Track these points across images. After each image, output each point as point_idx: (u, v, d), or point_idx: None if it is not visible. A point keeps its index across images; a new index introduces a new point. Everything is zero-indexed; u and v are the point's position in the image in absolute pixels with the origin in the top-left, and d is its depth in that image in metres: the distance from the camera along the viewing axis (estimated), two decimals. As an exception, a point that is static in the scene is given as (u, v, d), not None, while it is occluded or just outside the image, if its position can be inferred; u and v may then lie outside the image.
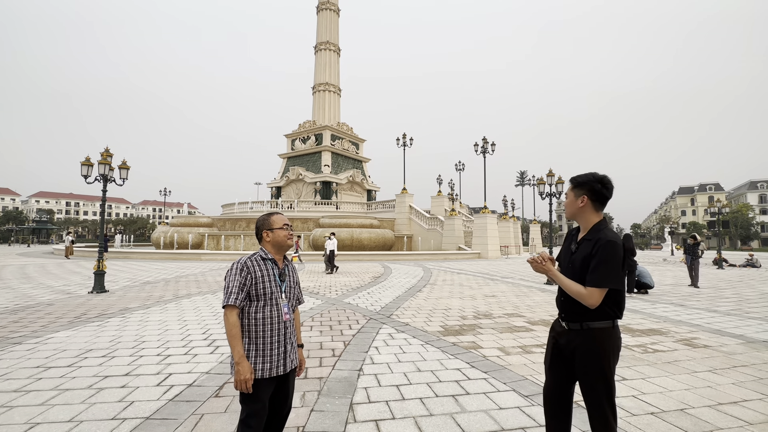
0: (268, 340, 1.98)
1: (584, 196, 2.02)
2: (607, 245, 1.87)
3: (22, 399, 3.30)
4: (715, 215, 23.78)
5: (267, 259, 2.09)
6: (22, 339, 5.21)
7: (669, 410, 3.17)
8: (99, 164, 10.50)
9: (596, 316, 1.93)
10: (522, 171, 73.92)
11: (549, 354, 2.17)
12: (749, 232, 69.23)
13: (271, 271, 2.06)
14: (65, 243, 24.78)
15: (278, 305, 2.03)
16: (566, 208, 2.11)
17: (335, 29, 43.43)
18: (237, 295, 1.93)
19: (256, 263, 2.03)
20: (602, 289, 1.86)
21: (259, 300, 1.99)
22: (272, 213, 2.22)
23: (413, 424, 2.92)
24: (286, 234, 2.13)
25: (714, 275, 15.75)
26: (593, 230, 1.99)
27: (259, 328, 1.97)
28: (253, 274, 1.99)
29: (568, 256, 2.07)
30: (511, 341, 5.27)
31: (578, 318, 1.97)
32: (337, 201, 35.38)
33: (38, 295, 9.01)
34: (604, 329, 1.94)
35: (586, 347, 1.94)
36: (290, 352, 2.07)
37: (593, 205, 2.01)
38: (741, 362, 4.41)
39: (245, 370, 1.87)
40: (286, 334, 2.05)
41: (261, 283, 1.99)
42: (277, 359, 1.99)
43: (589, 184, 2.02)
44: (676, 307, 7.99)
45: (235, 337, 1.90)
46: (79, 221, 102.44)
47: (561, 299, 2.07)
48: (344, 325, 6.16)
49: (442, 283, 11.83)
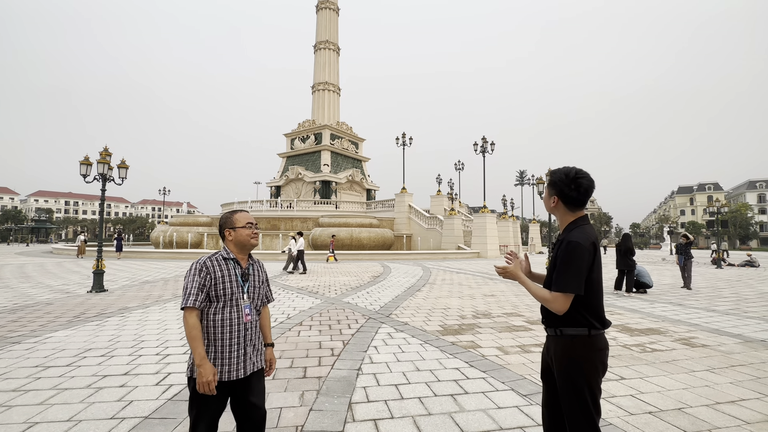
0: (227, 342, 1.91)
1: (555, 196, 1.91)
2: (568, 246, 1.75)
3: (21, 398, 3.30)
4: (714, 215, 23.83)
5: (229, 258, 2.02)
6: (20, 338, 5.20)
7: (667, 409, 3.18)
8: (98, 163, 10.49)
9: (568, 321, 1.79)
10: (521, 170, 73.91)
11: (542, 365, 2.06)
12: (748, 231, 69.37)
13: (232, 271, 1.99)
14: (77, 242, 24.69)
15: (239, 306, 1.96)
16: (544, 206, 2.01)
17: (335, 28, 43.38)
18: (196, 297, 1.87)
19: (216, 263, 1.96)
20: (566, 294, 1.71)
21: (218, 301, 1.92)
22: (236, 211, 2.12)
23: (412, 423, 2.93)
24: (249, 233, 2.04)
25: (713, 275, 15.78)
26: (565, 230, 1.89)
27: (218, 329, 1.91)
28: (212, 275, 1.92)
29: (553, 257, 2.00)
30: (510, 341, 5.27)
31: (553, 323, 1.85)
32: (337, 200, 35.37)
33: (37, 295, 9.00)
34: (579, 336, 1.77)
35: (559, 355, 1.81)
36: (252, 355, 1.99)
37: (566, 206, 1.89)
38: (739, 361, 4.42)
39: (208, 372, 1.80)
40: (246, 336, 1.97)
41: (221, 284, 1.93)
42: (237, 362, 1.92)
43: (558, 185, 1.88)
44: (675, 307, 8.00)
45: (195, 339, 1.84)
46: (78, 220, 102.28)
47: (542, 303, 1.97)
48: (343, 324, 6.16)
49: (441, 283, 11.84)
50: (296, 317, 6.64)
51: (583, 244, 1.74)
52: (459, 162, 38.54)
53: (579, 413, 1.73)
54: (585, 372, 1.75)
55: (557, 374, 1.82)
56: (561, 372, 1.80)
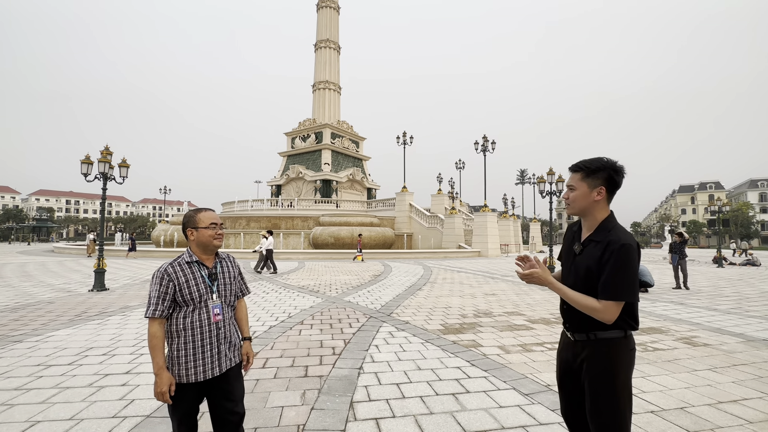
0: (198, 343, 1.90)
1: (602, 187, 1.67)
2: (622, 250, 1.56)
3: (23, 397, 3.31)
4: (716, 214, 23.76)
5: (192, 261, 1.97)
6: (22, 337, 5.21)
7: (669, 409, 3.17)
8: (99, 162, 10.49)
9: (605, 325, 1.63)
10: (522, 169, 73.84)
11: (559, 370, 1.87)
12: (749, 230, 69.23)
13: (197, 274, 1.95)
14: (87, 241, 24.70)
15: (207, 308, 1.94)
16: (574, 202, 1.71)
17: (335, 27, 43.31)
18: (156, 306, 1.85)
19: (179, 268, 1.92)
20: (619, 303, 1.56)
21: (187, 305, 1.90)
22: (200, 210, 2.04)
23: (413, 422, 2.93)
24: (212, 234, 1.98)
25: (714, 274, 15.75)
26: (601, 229, 1.67)
27: (188, 332, 1.89)
28: (175, 281, 1.88)
29: (571, 259, 1.77)
30: (512, 340, 5.27)
31: (584, 327, 1.68)
32: (337, 199, 35.36)
33: (39, 293, 9.02)
34: (615, 339, 1.64)
35: (594, 361, 1.65)
36: (227, 351, 1.98)
37: (608, 198, 1.68)
38: (741, 361, 4.42)
39: (163, 383, 1.80)
40: (219, 335, 1.96)
41: (186, 289, 1.89)
42: (210, 361, 1.91)
43: (606, 171, 1.66)
44: (676, 306, 7.99)
45: (154, 349, 1.82)
46: (79, 219, 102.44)
47: (564, 307, 1.78)
48: (344, 323, 6.16)
49: (442, 282, 11.84)
50: (297, 316, 6.64)
51: (634, 247, 1.58)
52: (460, 161, 38.49)
53: (617, 417, 1.61)
54: (624, 375, 1.64)
55: (592, 379, 1.66)
56: (598, 377, 1.64)
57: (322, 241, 26.04)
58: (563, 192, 1.87)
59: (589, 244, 1.69)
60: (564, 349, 1.83)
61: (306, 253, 23.45)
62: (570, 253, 1.80)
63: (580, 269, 1.69)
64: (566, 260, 1.83)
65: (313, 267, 16.81)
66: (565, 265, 1.83)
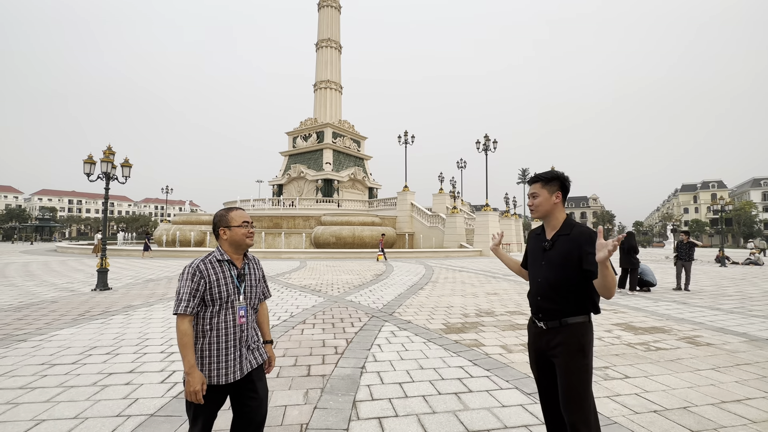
0: (223, 345, 1.88)
1: (559, 192, 2.00)
2: (593, 234, 1.86)
3: (28, 396, 3.32)
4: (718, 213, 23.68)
5: (223, 260, 1.95)
6: (26, 336, 5.24)
7: (672, 408, 3.17)
8: (101, 162, 10.53)
9: (575, 311, 1.91)
10: (524, 168, 73.73)
11: (534, 362, 2.09)
12: (752, 229, 68.94)
13: (227, 273, 1.93)
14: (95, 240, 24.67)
15: (234, 309, 1.92)
16: (539, 206, 2.01)
17: (336, 26, 43.29)
18: (188, 303, 1.82)
19: (210, 266, 1.90)
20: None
21: (214, 305, 1.88)
22: (231, 208, 2.04)
23: (416, 421, 2.93)
24: (245, 232, 1.97)
25: (717, 273, 15.70)
26: (566, 225, 1.98)
27: (214, 332, 1.88)
28: (206, 279, 1.86)
29: (541, 254, 2.04)
30: (514, 339, 5.27)
31: (556, 315, 1.93)
32: (339, 199, 35.37)
33: (42, 293, 9.06)
34: (583, 324, 1.92)
35: (568, 344, 1.89)
36: (247, 355, 1.97)
37: (563, 200, 2.02)
38: (744, 360, 4.40)
39: (196, 381, 1.77)
40: (241, 338, 1.94)
41: (216, 288, 1.87)
42: (233, 364, 1.90)
43: (560, 179, 2.00)
44: (679, 305, 7.97)
45: (185, 347, 1.79)
46: (82, 219, 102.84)
47: (537, 298, 2.02)
48: (346, 322, 6.17)
49: (443, 281, 11.83)
50: (300, 315, 6.66)
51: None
52: (461, 160, 38.43)
53: (584, 393, 1.86)
54: (590, 353, 1.91)
55: (564, 362, 1.89)
56: (568, 359, 1.88)
57: (324, 240, 26.07)
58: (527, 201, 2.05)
59: (558, 238, 1.97)
60: (536, 340, 2.05)
61: (308, 253, 23.48)
62: (539, 251, 2.06)
63: (554, 260, 1.95)
64: (536, 257, 2.09)
65: (314, 266, 16.83)
66: (536, 262, 2.08)
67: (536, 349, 2.05)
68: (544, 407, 2.11)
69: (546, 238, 2.04)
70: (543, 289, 2.00)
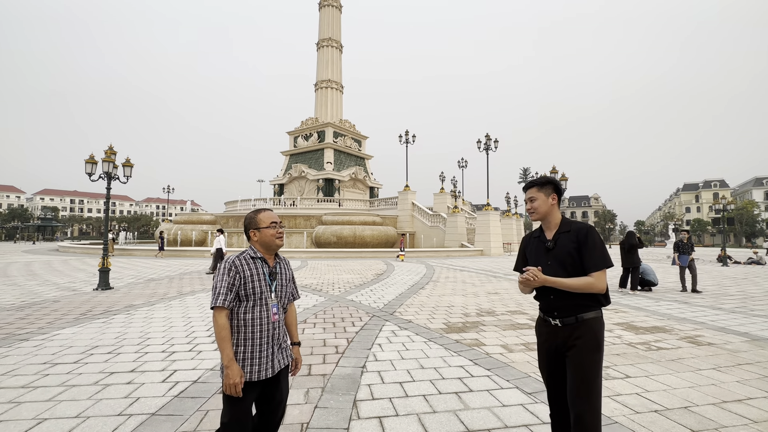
0: (257, 341, 1.91)
1: (554, 194, 2.13)
2: (592, 231, 2.00)
3: (30, 395, 3.34)
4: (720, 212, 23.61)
5: (256, 257, 2.01)
6: (28, 335, 5.26)
7: (673, 408, 3.16)
8: (103, 162, 10.56)
9: (589, 307, 1.99)
10: (525, 167, 73.66)
11: (545, 360, 2.11)
12: (754, 229, 68.71)
13: (261, 270, 1.98)
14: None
15: (267, 305, 1.95)
16: (539, 209, 2.12)
17: (337, 26, 43.27)
18: (225, 296, 1.87)
19: (245, 262, 1.96)
20: (604, 271, 1.95)
21: (248, 300, 1.92)
22: (260, 210, 2.08)
23: (417, 421, 2.93)
24: (274, 233, 2.01)
25: (718, 272, 15.66)
26: (565, 223, 2.10)
27: (248, 329, 1.91)
28: (241, 274, 1.91)
29: (543, 255, 2.11)
30: (515, 338, 5.27)
31: (572, 312, 1.99)
32: (340, 198, 35.39)
33: (44, 292, 9.09)
34: (597, 319, 2.00)
35: (585, 340, 1.96)
36: (278, 353, 1.99)
37: (558, 202, 2.14)
38: (746, 360, 4.39)
39: (235, 374, 1.80)
40: (274, 335, 1.97)
41: (250, 283, 1.92)
42: (266, 361, 1.92)
43: (553, 182, 2.15)
44: (680, 305, 7.95)
45: (224, 340, 1.84)
46: (84, 218, 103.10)
47: (550, 297, 2.05)
48: (347, 322, 6.18)
49: (444, 281, 11.83)
50: (300, 315, 6.66)
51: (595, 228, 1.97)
52: (462, 160, 38.42)
53: (595, 386, 1.93)
54: (602, 349, 2.00)
55: (580, 357, 1.95)
56: (586, 354, 1.94)
57: (325, 240, 26.08)
58: (526, 205, 2.22)
59: (560, 237, 2.07)
60: (549, 339, 2.08)
61: (309, 252, 23.51)
62: (541, 251, 2.13)
63: (560, 258, 2.03)
64: (539, 258, 2.13)
65: (315, 266, 16.84)
66: (540, 262, 2.12)
67: (549, 348, 2.08)
68: (553, 409, 2.11)
69: (547, 238, 2.12)
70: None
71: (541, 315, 2.14)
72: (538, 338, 2.19)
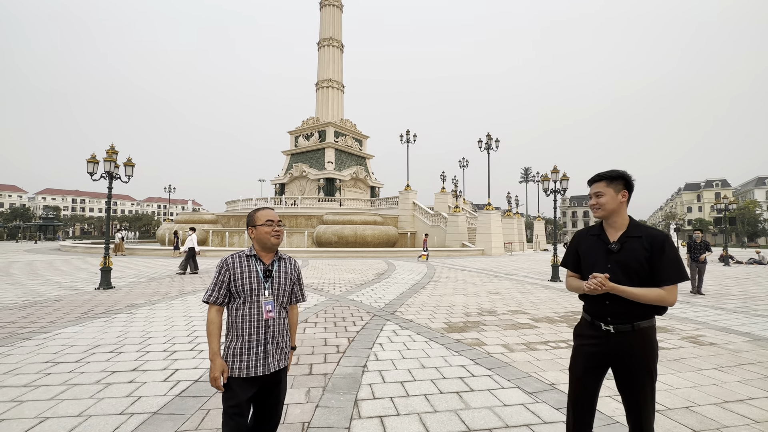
0: (246, 338, 1.92)
1: (625, 190, 1.94)
2: (670, 240, 1.85)
3: (32, 394, 3.35)
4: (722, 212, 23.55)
5: (251, 255, 2.04)
6: (31, 334, 5.28)
7: (674, 408, 3.16)
8: (104, 161, 10.57)
9: (647, 315, 1.88)
10: (526, 167, 73.58)
11: (582, 361, 2.02)
12: (756, 228, 68.51)
13: (253, 269, 2.00)
14: (116, 239, 24.06)
15: (259, 303, 1.96)
16: (606, 205, 1.94)
17: (338, 25, 43.25)
18: (212, 293, 1.95)
19: (237, 260, 2.00)
20: (677, 285, 1.83)
21: (239, 297, 1.96)
22: (259, 208, 2.10)
23: (418, 420, 2.94)
24: (269, 230, 2.02)
25: (720, 272, 15.62)
26: (634, 227, 1.93)
27: (239, 325, 1.94)
28: (231, 272, 1.96)
29: (605, 256, 1.95)
30: (516, 338, 5.26)
31: (629, 319, 1.88)
32: (341, 198, 35.38)
33: (46, 291, 9.12)
34: (653, 328, 1.90)
35: (640, 348, 1.87)
36: (274, 353, 1.98)
37: (628, 200, 1.96)
38: (747, 360, 4.39)
39: (215, 369, 1.86)
40: (267, 333, 1.96)
41: (239, 280, 1.95)
42: (255, 359, 1.92)
43: (625, 177, 1.94)
44: (682, 305, 7.94)
45: (210, 335, 1.92)
46: (85, 218, 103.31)
47: (606, 302, 1.92)
48: (348, 321, 6.18)
49: (445, 280, 11.83)
50: (301, 314, 6.67)
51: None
52: (463, 159, 38.39)
53: (652, 398, 1.87)
54: (657, 357, 1.91)
55: (636, 366, 1.87)
56: (642, 363, 1.87)
57: (326, 239, 26.09)
58: (590, 200, 2.03)
59: (627, 240, 1.90)
60: (595, 344, 1.97)
61: (310, 252, 23.52)
62: (603, 252, 1.96)
63: (626, 263, 1.88)
64: (596, 260, 1.98)
65: (316, 265, 16.85)
66: (598, 264, 1.96)
67: (593, 353, 1.98)
68: (577, 408, 2.04)
69: (609, 240, 1.96)
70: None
71: (588, 318, 2.02)
72: (577, 340, 2.09)
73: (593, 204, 2.00)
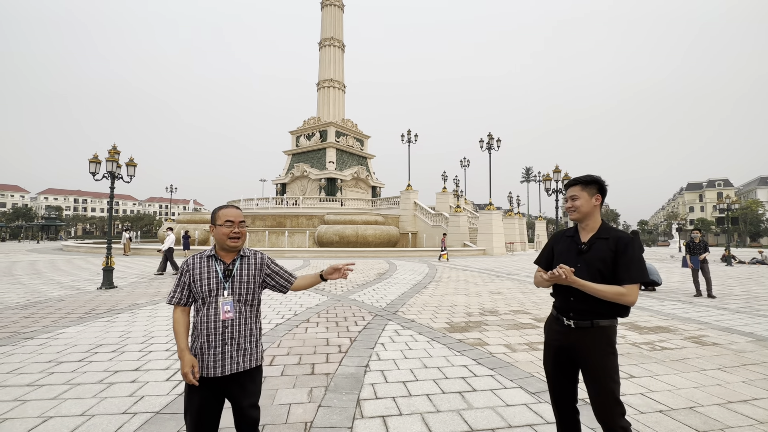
0: (205, 339, 1.90)
1: (598, 194, 2.05)
2: (634, 242, 1.91)
3: (35, 393, 3.36)
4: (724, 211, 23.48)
5: (211, 256, 1.99)
6: (33, 334, 5.29)
7: (678, 408, 3.15)
8: (107, 161, 10.60)
9: (608, 314, 1.94)
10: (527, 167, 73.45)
11: (552, 357, 2.11)
12: (759, 228, 68.27)
13: (212, 269, 1.95)
14: (123, 240, 24.06)
15: (217, 304, 1.92)
16: (580, 208, 2.04)
17: (339, 25, 43.26)
18: (174, 293, 1.96)
19: (197, 261, 1.97)
20: (638, 284, 1.89)
21: (199, 298, 1.94)
22: (223, 206, 2.02)
23: (420, 420, 2.93)
24: (227, 232, 1.94)
25: (723, 272, 15.57)
26: (604, 229, 2.03)
27: (199, 326, 1.93)
28: (190, 272, 1.94)
29: (574, 256, 2.04)
30: (518, 338, 5.25)
31: (590, 317, 1.96)
32: (342, 198, 35.40)
33: (48, 291, 9.14)
34: (612, 326, 1.97)
35: (600, 345, 1.94)
36: (234, 354, 1.91)
37: (601, 204, 2.07)
38: (751, 360, 4.37)
39: (185, 364, 1.85)
40: (225, 334, 1.90)
41: (198, 281, 1.93)
42: (213, 359, 1.88)
43: (599, 182, 2.06)
44: (684, 305, 7.91)
45: (176, 333, 1.93)
46: (87, 218, 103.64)
47: (570, 299, 2.01)
48: (350, 321, 6.18)
49: (447, 280, 11.82)
50: (303, 314, 6.68)
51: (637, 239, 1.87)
52: (465, 159, 38.37)
53: (613, 394, 1.90)
54: (616, 356, 1.97)
55: (592, 363, 1.95)
56: (598, 360, 1.94)
57: (327, 239, 26.10)
58: (566, 203, 2.15)
59: (596, 242, 2.00)
60: (559, 337, 2.08)
61: (311, 252, 23.54)
62: (573, 252, 2.07)
63: (592, 262, 1.97)
64: (568, 260, 2.05)
65: (317, 265, 16.85)
66: (569, 263, 2.02)
67: (558, 346, 2.07)
68: (556, 404, 2.13)
69: (581, 240, 2.07)
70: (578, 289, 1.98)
71: (555, 313, 2.13)
72: (546, 335, 2.19)
73: (569, 207, 2.10)
